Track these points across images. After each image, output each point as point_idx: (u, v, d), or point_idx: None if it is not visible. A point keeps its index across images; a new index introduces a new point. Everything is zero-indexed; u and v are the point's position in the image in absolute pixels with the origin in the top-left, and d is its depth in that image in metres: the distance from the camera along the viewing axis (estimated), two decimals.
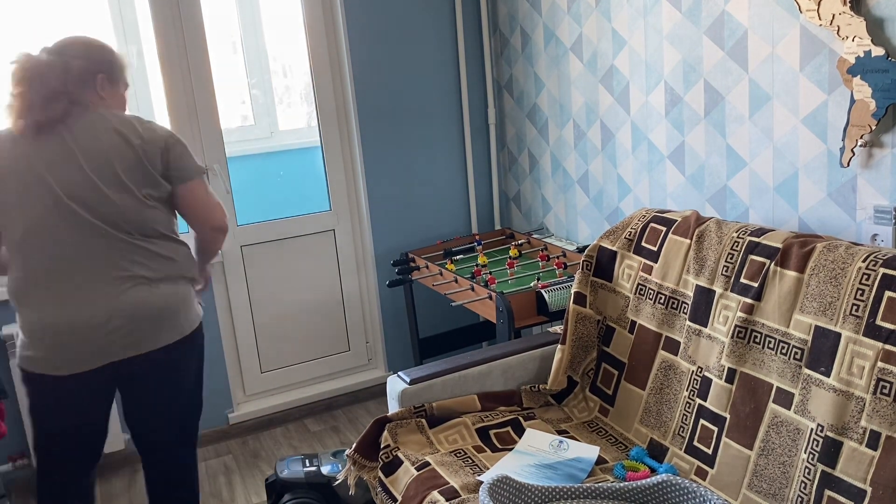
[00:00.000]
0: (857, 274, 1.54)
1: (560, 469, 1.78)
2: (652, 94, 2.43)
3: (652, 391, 1.94)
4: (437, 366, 2.10)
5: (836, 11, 1.77)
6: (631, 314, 2.05)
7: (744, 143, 2.14)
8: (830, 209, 1.93)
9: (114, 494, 2.84)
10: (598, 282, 2.15)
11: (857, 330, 1.50)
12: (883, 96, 1.72)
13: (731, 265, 1.81)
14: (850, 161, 1.83)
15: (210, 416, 3.15)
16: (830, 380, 1.52)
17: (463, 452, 1.88)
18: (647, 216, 2.11)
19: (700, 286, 1.87)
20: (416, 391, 2.02)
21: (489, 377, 2.12)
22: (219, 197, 3.04)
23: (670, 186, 2.44)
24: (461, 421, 1.98)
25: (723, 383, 1.74)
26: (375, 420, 1.96)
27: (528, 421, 2.02)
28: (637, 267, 2.06)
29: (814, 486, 1.50)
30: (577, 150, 2.86)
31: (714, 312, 1.82)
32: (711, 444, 1.75)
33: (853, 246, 1.62)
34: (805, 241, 1.70)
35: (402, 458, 1.85)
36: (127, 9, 3.40)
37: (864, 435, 1.44)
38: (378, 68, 3.14)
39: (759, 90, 2.05)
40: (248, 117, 3.86)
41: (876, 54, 1.71)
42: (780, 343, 1.65)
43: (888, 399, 1.42)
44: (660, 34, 2.35)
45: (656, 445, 1.88)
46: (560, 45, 2.83)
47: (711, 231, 1.91)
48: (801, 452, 1.55)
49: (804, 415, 1.56)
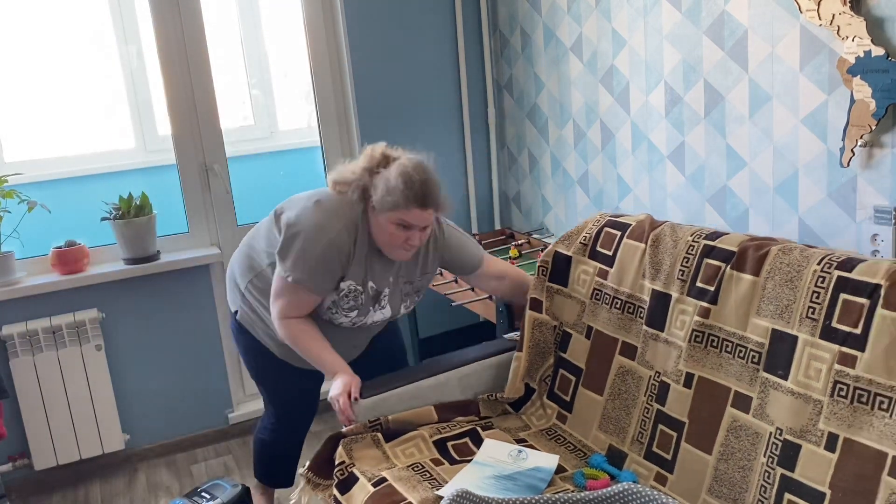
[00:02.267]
0: (813, 277, 1.54)
1: (520, 480, 1.74)
2: (652, 94, 2.43)
3: (610, 397, 1.92)
4: (392, 377, 2.05)
5: (836, 11, 1.77)
6: (587, 319, 2.03)
7: (744, 143, 2.14)
8: (830, 209, 1.93)
9: (114, 494, 2.84)
10: (553, 287, 2.13)
11: (814, 332, 1.50)
12: (883, 96, 1.72)
13: (687, 269, 1.80)
14: (850, 161, 1.83)
15: (210, 416, 3.15)
16: (788, 383, 1.52)
17: (421, 466, 1.83)
18: (602, 220, 2.10)
19: (656, 290, 1.85)
20: (372, 404, 1.96)
21: (446, 387, 2.07)
22: (219, 197, 3.05)
23: (670, 186, 2.44)
24: (418, 434, 1.93)
25: (681, 388, 1.73)
26: (329, 436, 1.90)
27: (486, 431, 1.98)
28: (593, 272, 2.05)
29: (773, 489, 1.50)
30: (577, 150, 2.85)
31: (671, 317, 1.80)
32: (671, 450, 1.73)
33: (808, 248, 1.62)
34: (760, 244, 1.70)
35: (357, 475, 1.79)
36: (127, 9, 3.40)
37: (823, 437, 1.44)
38: (378, 68, 3.14)
39: (759, 90, 2.05)
40: (248, 117, 3.85)
41: (876, 54, 1.71)
42: (738, 347, 1.64)
43: (845, 401, 1.42)
44: (660, 34, 2.35)
45: (615, 452, 1.86)
46: (560, 45, 2.83)
47: (666, 235, 1.90)
48: (760, 456, 1.55)
49: (763, 418, 1.56)
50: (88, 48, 3.37)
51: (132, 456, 3.04)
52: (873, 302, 1.43)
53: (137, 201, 2.84)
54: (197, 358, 3.08)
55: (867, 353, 1.41)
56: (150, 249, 2.90)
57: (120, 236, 2.86)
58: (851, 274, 1.49)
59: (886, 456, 1.34)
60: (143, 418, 3.03)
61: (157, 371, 3.03)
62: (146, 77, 3.48)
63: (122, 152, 3.56)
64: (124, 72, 3.47)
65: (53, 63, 3.31)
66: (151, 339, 3.00)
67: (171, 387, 3.06)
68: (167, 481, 2.90)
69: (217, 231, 3.09)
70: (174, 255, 2.97)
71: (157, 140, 3.57)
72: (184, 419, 3.11)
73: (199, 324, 3.05)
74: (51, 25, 3.26)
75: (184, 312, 3.03)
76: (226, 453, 3.07)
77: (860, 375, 1.41)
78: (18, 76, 3.25)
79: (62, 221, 2.92)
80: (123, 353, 2.96)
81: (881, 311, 1.41)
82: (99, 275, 2.82)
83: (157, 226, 2.92)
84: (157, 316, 2.99)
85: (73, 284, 2.79)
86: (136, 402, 3.01)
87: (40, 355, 2.74)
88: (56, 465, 2.83)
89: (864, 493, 1.35)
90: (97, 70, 3.42)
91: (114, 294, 2.90)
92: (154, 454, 3.08)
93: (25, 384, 2.74)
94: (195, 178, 3.03)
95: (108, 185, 3.22)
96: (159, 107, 3.46)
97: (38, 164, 3.32)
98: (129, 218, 2.83)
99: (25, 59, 3.26)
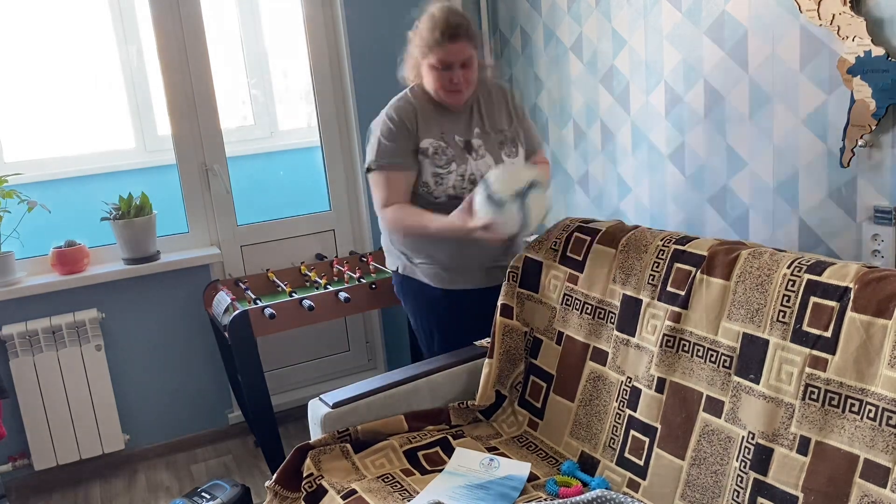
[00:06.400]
0: (783, 280, 1.54)
1: (492, 489, 1.73)
2: (652, 94, 2.43)
3: (581, 403, 1.90)
4: (362, 386, 2.00)
5: (836, 11, 1.77)
6: (558, 325, 2.01)
7: (744, 143, 2.14)
8: (830, 209, 1.93)
9: (114, 494, 2.84)
10: (524, 293, 2.11)
11: (785, 336, 1.50)
12: (883, 96, 1.72)
13: (658, 274, 1.79)
14: (851, 161, 1.83)
15: (210, 416, 3.15)
16: (760, 387, 1.52)
17: (391, 477, 1.79)
18: (572, 226, 2.08)
19: (627, 295, 1.84)
20: (340, 415, 1.91)
21: (416, 396, 2.03)
22: (218, 197, 3.05)
23: (670, 186, 2.43)
24: (388, 444, 1.89)
25: (653, 393, 1.72)
26: (297, 447, 1.85)
27: (458, 439, 1.94)
28: (563, 277, 2.03)
29: (746, 493, 1.49)
30: (577, 151, 2.85)
31: (642, 322, 1.79)
32: (643, 456, 1.72)
33: (777, 252, 1.62)
34: (730, 248, 1.69)
35: (326, 487, 1.74)
36: (127, 9, 3.40)
37: (795, 441, 1.44)
38: (378, 68, 3.14)
39: (759, 90, 2.05)
40: (248, 117, 3.85)
41: (876, 54, 1.71)
42: (709, 351, 1.64)
43: (817, 405, 1.42)
44: (660, 34, 2.35)
45: (587, 458, 1.84)
46: (560, 46, 2.83)
47: (636, 240, 1.89)
48: (732, 461, 1.54)
49: (735, 423, 1.55)
50: (88, 48, 3.37)
51: (132, 456, 3.04)
52: (843, 305, 1.43)
53: (137, 201, 2.85)
54: (197, 358, 3.08)
55: (838, 356, 1.41)
56: (150, 249, 2.91)
57: (120, 236, 2.86)
58: (821, 277, 1.49)
59: (858, 458, 1.34)
60: (143, 418, 3.03)
61: (157, 371, 3.03)
62: (146, 77, 3.49)
63: (121, 152, 3.57)
64: (124, 72, 3.47)
65: (53, 63, 3.31)
66: (151, 339, 3.00)
67: (171, 387, 3.06)
68: (167, 481, 2.90)
69: (217, 231, 3.09)
70: (174, 255, 2.97)
71: (156, 140, 3.57)
72: (184, 419, 3.11)
73: (199, 324, 3.05)
74: (51, 25, 3.26)
75: (184, 312, 3.03)
76: (226, 453, 3.07)
77: (831, 378, 1.41)
78: (18, 76, 3.25)
79: (62, 221, 2.93)
80: (123, 353, 2.96)
81: (851, 314, 1.41)
82: (99, 275, 2.82)
83: (157, 226, 2.92)
84: (157, 316, 2.99)
85: (72, 284, 2.79)
86: (136, 402, 3.01)
87: (40, 355, 2.75)
88: (56, 465, 2.83)
89: (836, 496, 1.35)
90: (97, 70, 3.42)
91: (114, 294, 2.90)
92: (154, 454, 3.08)
93: (25, 384, 2.74)
94: (195, 178, 3.03)
95: (108, 185, 3.22)
96: (159, 107, 3.46)
97: (38, 164, 3.32)
98: (129, 218, 2.83)
99: (25, 59, 3.26)
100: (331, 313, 2.70)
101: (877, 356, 1.36)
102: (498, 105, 2.24)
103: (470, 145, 2.16)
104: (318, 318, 2.67)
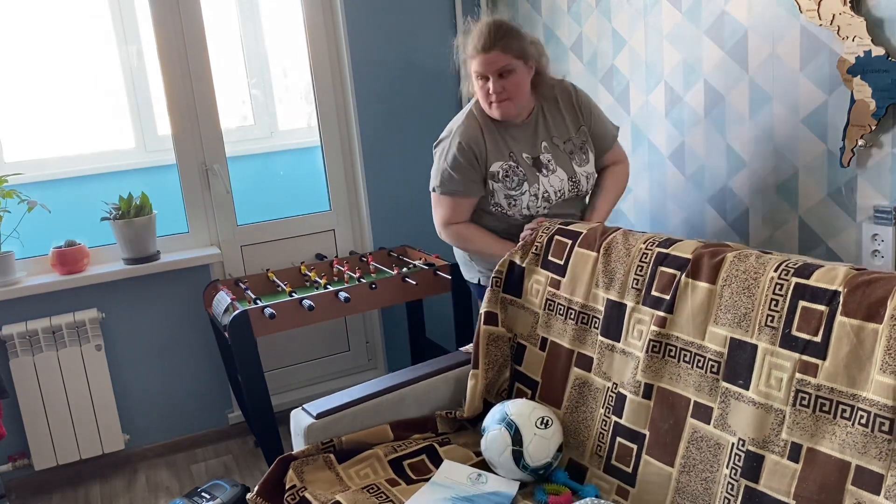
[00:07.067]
0: (770, 284, 1.51)
1: (478, 502, 1.69)
2: (652, 94, 2.43)
3: (567, 409, 1.86)
4: (346, 396, 1.96)
5: (836, 11, 1.77)
6: (541, 331, 1.97)
7: (744, 143, 2.14)
8: (830, 209, 1.93)
9: (114, 494, 2.84)
10: (507, 298, 2.05)
11: (774, 341, 1.48)
12: (883, 96, 1.72)
13: (641, 278, 1.76)
14: (850, 161, 1.83)
15: (210, 416, 3.15)
16: (749, 392, 1.49)
17: (376, 488, 1.74)
18: (552, 228, 2.04)
19: (611, 300, 1.81)
20: (324, 425, 1.86)
21: (402, 405, 1.98)
22: (219, 197, 3.05)
23: (670, 186, 2.44)
24: (373, 453, 1.84)
25: (640, 399, 1.69)
26: (279, 458, 1.80)
27: (444, 447, 1.90)
28: (545, 282, 1.98)
29: (738, 501, 1.47)
30: None
31: (627, 327, 1.76)
32: (631, 463, 1.69)
33: (763, 255, 1.59)
34: (715, 250, 1.66)
35: (309, 499, 1.69)
36: (127, 9, 3.40)
37: (786, 448, 1.42)
38: (378, 68, 3.14)
39: (759, 90, 2.05)
40: (248, 117, 3.85)
41: (876, 54, 1.71)
42: (696, 356, 1.61)
43: (808, 410, 1.40)
44: (660, 34, 2.35)
45: (575, 466, 1.81)
46: (560, 45, 2.83)
47: (618, 243, 1.85)
48: (722, 468, 1.52)
49: (724, 429, 1.53)
50: (88, 48, 3.37)
51: (132, 456, 3.04)
52: (832, 309, 1.40)
53: (137, 201, 2.84)
54: (197, 358, 3.08)
55: (828, 362, 1.39)
56: (150, 249, 2.91)
57: (120, 236, 2.86)
58: (809, 280, 1.46)
59: (850, 465, 1.32)
60: (143, 418, 3.03)
61: (157, 371, 3.03)
62: (146, 77, 3.49)
63: (121, 152, 3.57)
64: (124, 72, 3.47)
65: (53, 63, 3.31)
66: (151, 339, 3.00)
67: (171, 387, 3.06)
68: (167, 481, 2.90)
69: (217, 231, 3.09)
70: (174, 255, 2.97)
71: (156, 140, 3.57)
72: (184, 419, 3.11)
73: (199, 324, 3.05)
74: (51, 25, 3.26)
75: (184, 312, 3.03)
76: (226, 453, 3.07)
77: (822, 384, 1.39)
78: (18, 76, 3.25)
79: (62, 221, 2.93)
80: (123, 353, 2.96)
81: (840, 319, 1.38)
82: (99, 275, 2.82)
83: (157, 226, 2.92)
84: (157, 316, 2.99)
85: (72, 284, 2.79)
86: (136, 402, 3.01)
87: (40, 355, 2.75)
88: (56, 465, 2.83)
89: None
90: (97, 70, 3.42)
91: (114, 294, 2.90)
92: (154, 454, 3.08)
93: (25, 384, 2.74)
94: (195, 178, 3.03)
95: (108, 185, 3.22)
96: (159, 107, 3.46)
97: (38, 164, 3.32)
98: (129, 218, 2.83)
99: (25, 59, 3.26)
100: (331, 313, 2.70)
101: (868, 361, 1.34)
102: (565, 109, 2.17)
103: (539, 162, 2.12)
104: (317, 318, 2.67)
